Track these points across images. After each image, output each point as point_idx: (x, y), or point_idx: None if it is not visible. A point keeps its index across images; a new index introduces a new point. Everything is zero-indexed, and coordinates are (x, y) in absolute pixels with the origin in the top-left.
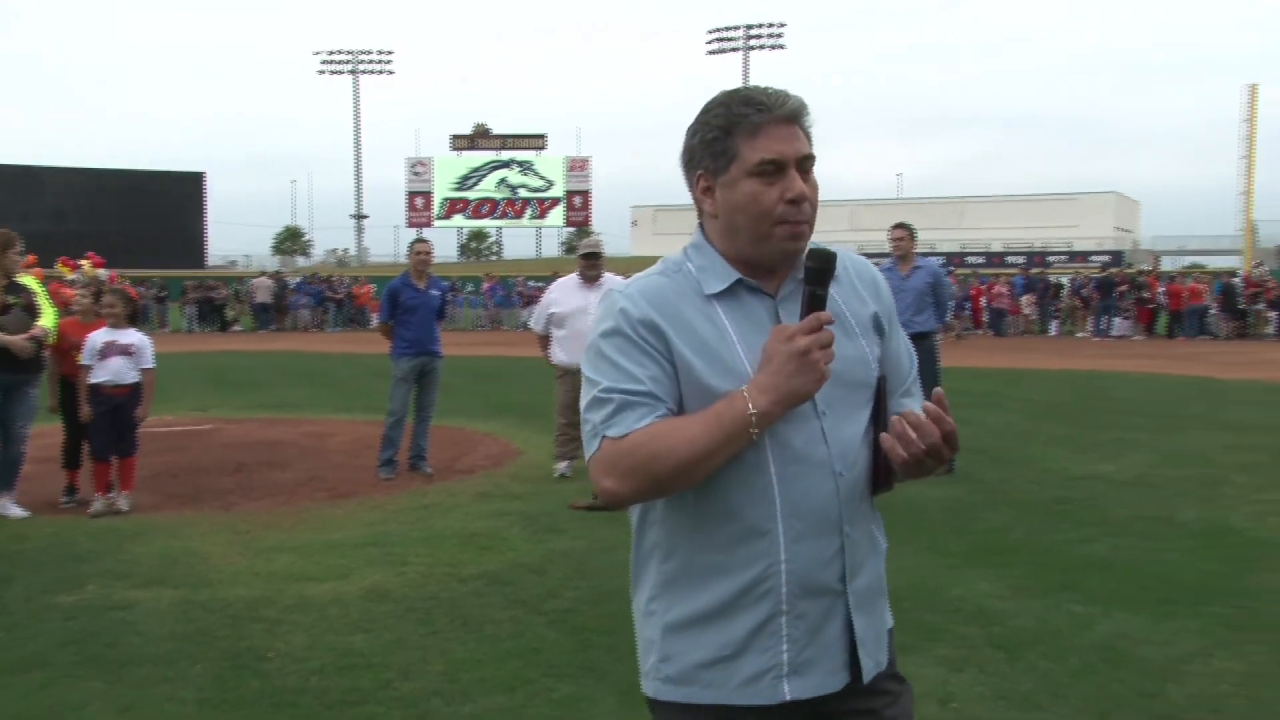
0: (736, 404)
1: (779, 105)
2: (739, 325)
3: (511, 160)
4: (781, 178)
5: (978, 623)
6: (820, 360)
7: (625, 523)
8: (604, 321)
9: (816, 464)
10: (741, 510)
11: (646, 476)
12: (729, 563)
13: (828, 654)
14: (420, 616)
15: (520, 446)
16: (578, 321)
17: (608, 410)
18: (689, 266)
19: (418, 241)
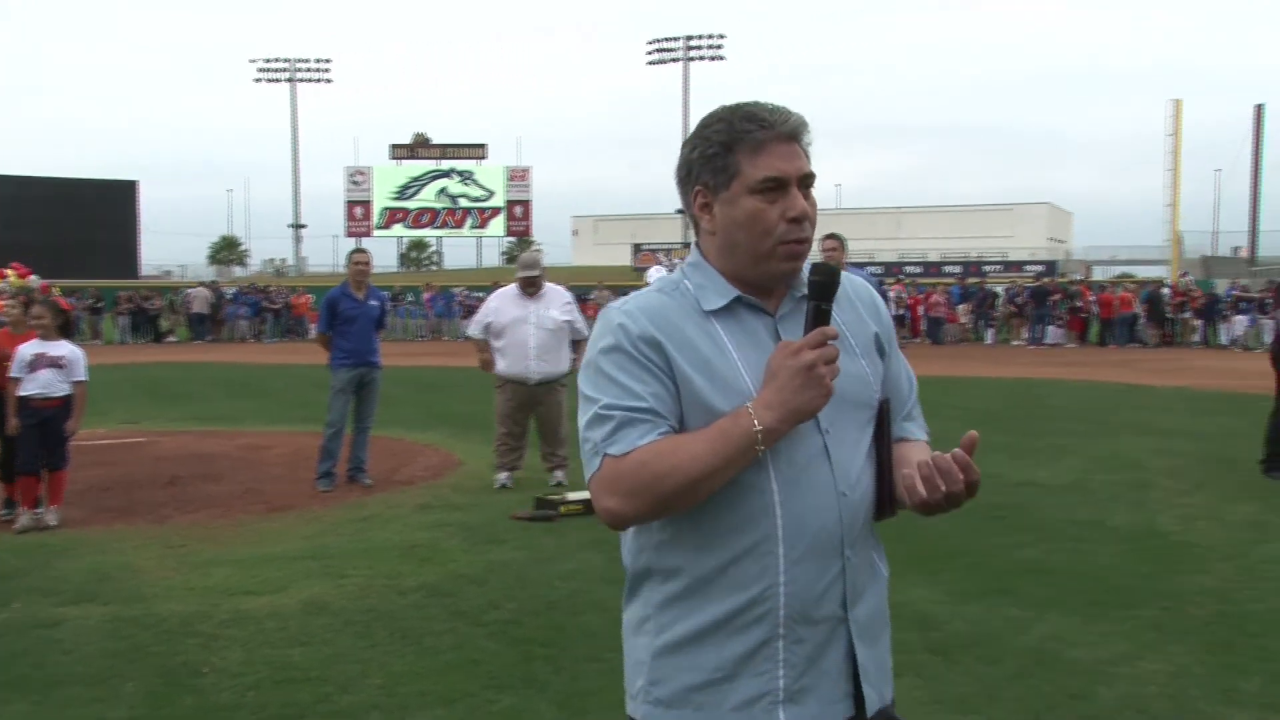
0: (742, 420)
1: (781, 122)
2: (739, 343)
3: (451, 170)
4: (783, 196)
5: (915, 628)
6: (826, 375)
7: (565, 533)
8: (602, 338)
9: (819, 484)
10: (741, 529)
11: (650, 495)
12: (726, 583)
13: (826, 683)
14: (359, 629)
15: (461, 457)
16: (517, 332)
17: (608, 428)
18: (686, 284)
19: (356, 251)
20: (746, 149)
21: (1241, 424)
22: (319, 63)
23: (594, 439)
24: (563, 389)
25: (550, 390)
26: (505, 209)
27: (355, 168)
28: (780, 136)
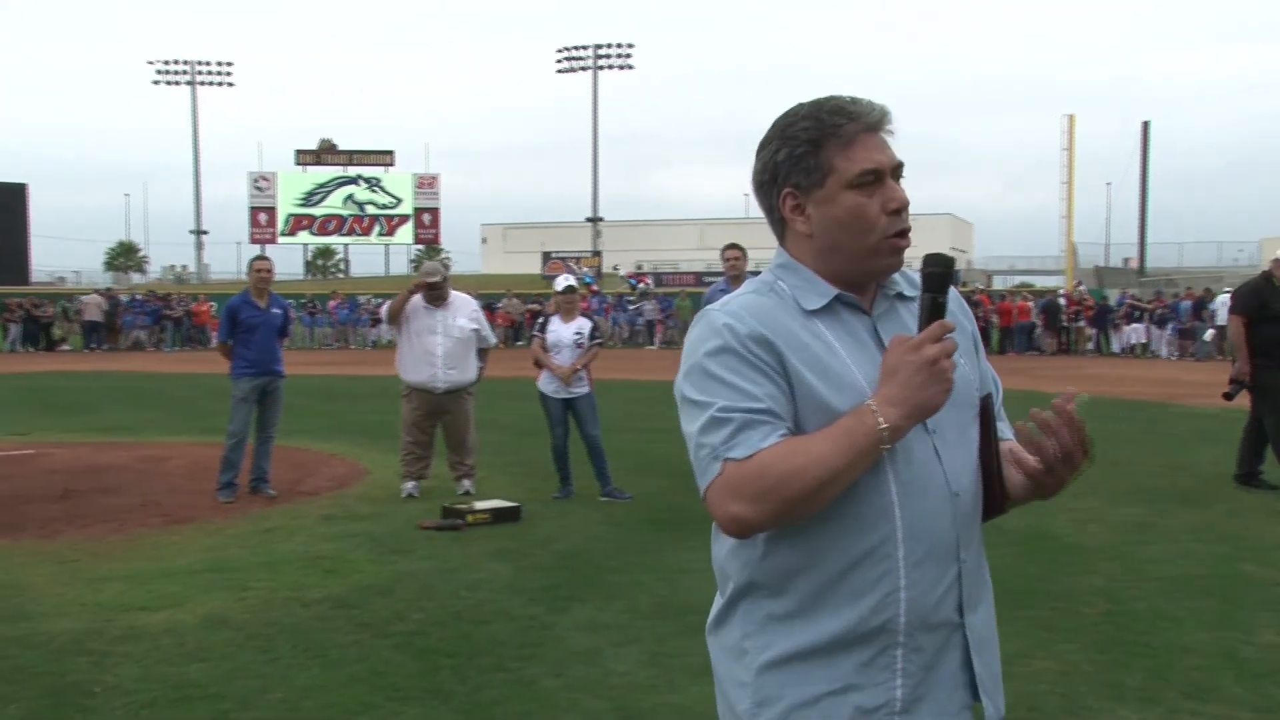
0: (866, 419)
1: (867, 113)
2: (844, 341)
3: (358, 176)
4: (881, 187)
5: None
6: (948, 369)
7: (472, 542)
8: (706, 340)
9: (933, 485)
10: (860, 534)
11: (778, 499)
12: (844, 591)
13: (942, 693)
14: (261, 644)
15: (367, 467)
16: (425, 340)
17: (728, 430)
18: (781, 285)
19: (258, 259)
20: (837, 144)
21: (1131, 429)
22: (220, 65)
23: (712, 443)
24: (470, 397)
25: (457, 399)
26: (413, 216)
27: (259, 173)
28: (868, 127)
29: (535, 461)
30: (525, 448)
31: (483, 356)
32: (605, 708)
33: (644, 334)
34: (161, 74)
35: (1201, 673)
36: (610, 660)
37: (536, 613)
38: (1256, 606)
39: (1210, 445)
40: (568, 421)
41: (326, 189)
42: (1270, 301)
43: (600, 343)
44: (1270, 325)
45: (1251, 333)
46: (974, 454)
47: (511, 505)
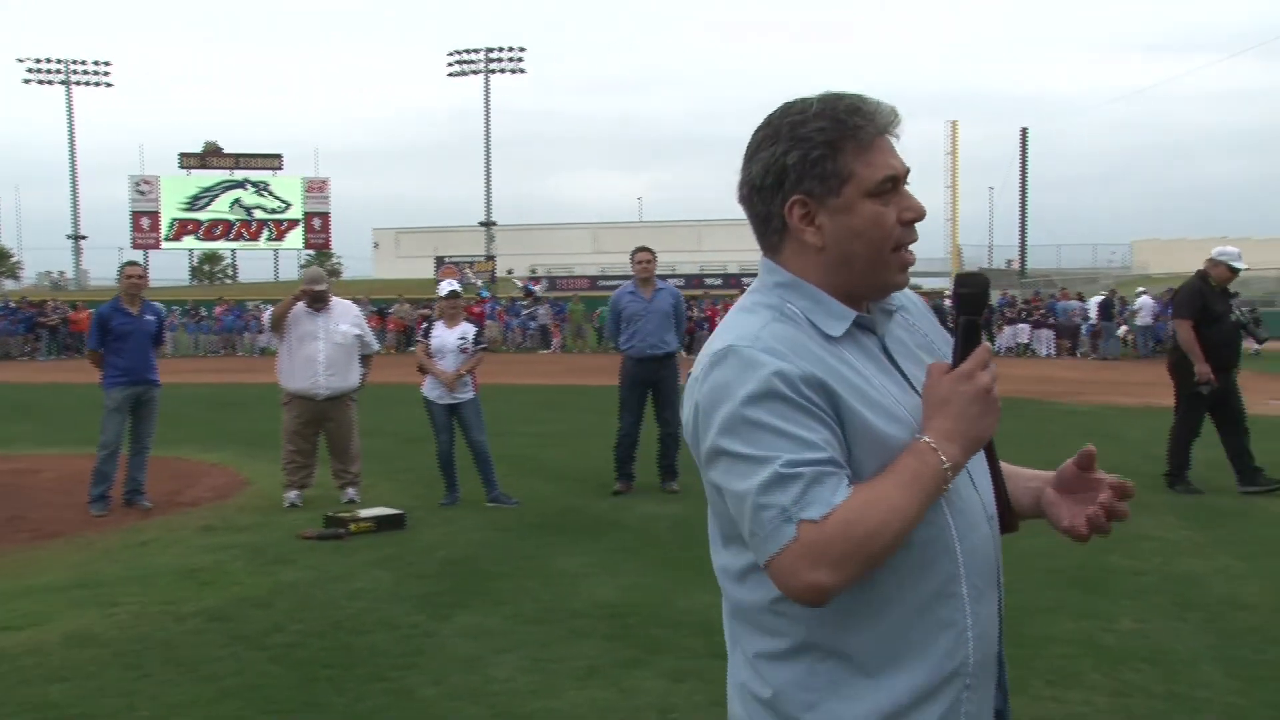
0: (928, 458)
1: (885, 115)
2: (867, 367)
3: (246, 180)
4: (897, 195)
5: (702, 634)
6: (998, 399)
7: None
8: (745, 382)
9: (975, 512)
10: (926, 575)
11: (861, 559)
12: (914, 640)
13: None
14: (129, 660)
15: (250, 477)
16: (307, 347)
17: (798, 488)
18: (792, 308)
19: (129, 264)
20: (858, 147)
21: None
22: (97, 65)
23: (781, 503)
24: (353, 404)
25: (340, 406)
26: (303, 221)
27: (141, 176)
28: (882, 129)
29: (421, 468)
30: (411, 454)
31: (365, 363)
32: (484, 714)
33: (537, 339)
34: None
35: (1065, 660)
36: (491, 667)
37: (418, 621)
38: (1119, 595)
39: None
40: (453, 427)
41: (212, 193)
42: (1210, 303)
43: (485, 347)
44: (1209, 327)
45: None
46: (986, 471)
47: (396, 513)
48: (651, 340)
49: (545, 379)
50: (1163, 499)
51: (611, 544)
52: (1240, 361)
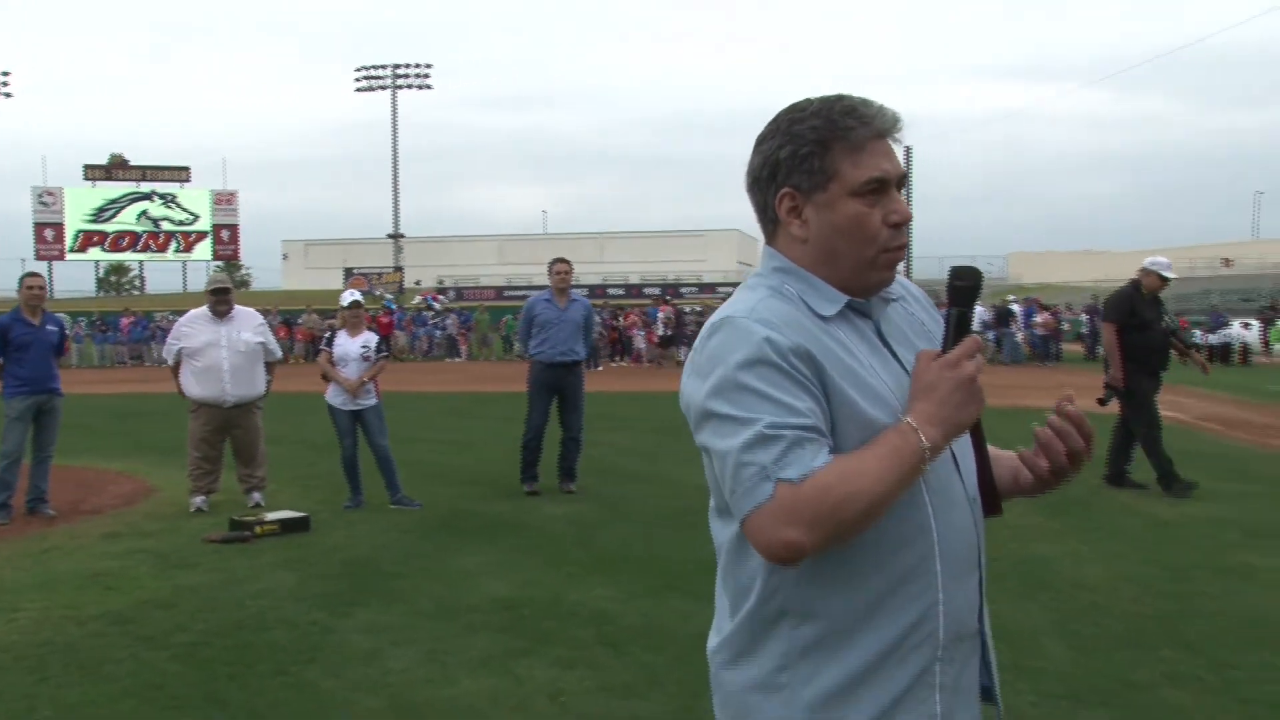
0: (909, 438)
1: (880, 119)
2: (859, 348)
3: (153, 192)
4: (884, 198)
5: (591, 625)
6: (981, 388)
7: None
8: (738, 348)
9: (956, 493)
10: (902, 552)
11: (834, 523)
12: (885, 612)
13: (966, 703)
14: (31, 664)
15: (156, 484)
16: (210, 355)
17: (778, 449)
18: (788, 290)
19: (29, 275)
20: (848, 147)
21: None
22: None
23: (760, 462)
24: (259, 411)
25: (246, 413)
26: (212, 233)
27: (44, 188)
28: (879, 133)
29: (327, 473)
30: (317, 460)
31: (270, 370)
32: (381, 704)
33: (444, 347)
34: None
35: None
36: (389, 659)
37: (319, 618)
38: None
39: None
40: (356, 432)
41: (119, 205)
42: (1139, 309)
43: (387, 355)
44: (1139, 333)
45: (1121, 340)
46: (971, 456)
47: (300, 515)
48: (562, 348)
49: (450, 386)
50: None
51: (508, 543)
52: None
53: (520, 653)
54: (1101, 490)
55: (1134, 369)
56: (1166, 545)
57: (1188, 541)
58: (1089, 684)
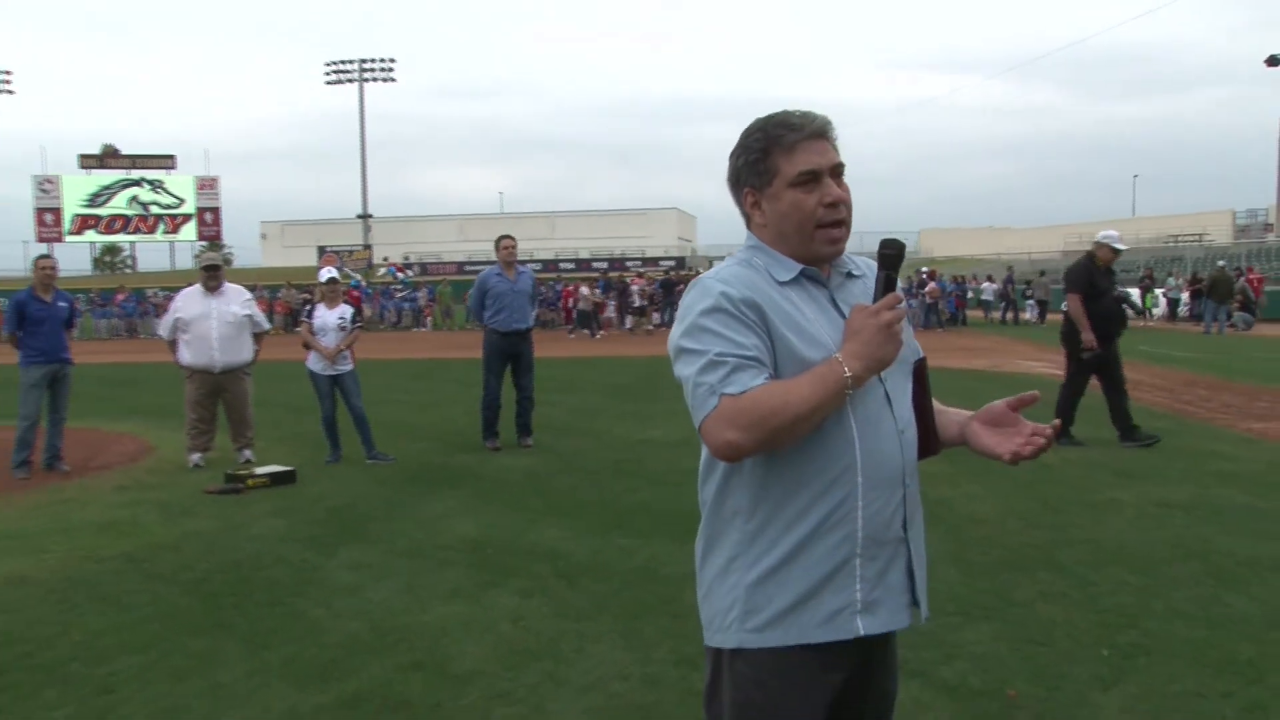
0: (835, 368)
1: (809, 124)
2: (809, 307)
3: (142, 179)
4: (818, 185)
5: (548, 561)
6: (899, 333)
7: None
8: (702, 301)
9: (884, 424)
10: (829, 463)
11: (765, 429)
12: (812, 510)
13: (892, 595)
14: (59, 596)
15: (155, 443)
16: (201, 325)
17: (723, 371)
18: (756, 261)
19: (42, 258)
20: (782, 150)
21: None
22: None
23: (709, 381)
24: (247, 376)
25: (235, 378)
26: (196, 215)
27: (43, 176)
28: (809, 135)
29: (309, 433)
30: (299, 421)
31: (257, 340)
32: (364, 628)
33: (411, 318)
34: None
35: None
36: (370, 591)
37: (308, 557)
38: None
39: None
40: (335, 395)
41: (111, 190)
42: (1097, 280)
43: (361, 326)
44: (1094, 301)
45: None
46: (910, 401)
47: (287, 470)
48: (515, 316)
49: (417, 353)
50: None
51: (472, 491)
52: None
53: (486, 585)
54: None
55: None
56: (1048, 484)
57: (1066, 481)
58: (976, 602)
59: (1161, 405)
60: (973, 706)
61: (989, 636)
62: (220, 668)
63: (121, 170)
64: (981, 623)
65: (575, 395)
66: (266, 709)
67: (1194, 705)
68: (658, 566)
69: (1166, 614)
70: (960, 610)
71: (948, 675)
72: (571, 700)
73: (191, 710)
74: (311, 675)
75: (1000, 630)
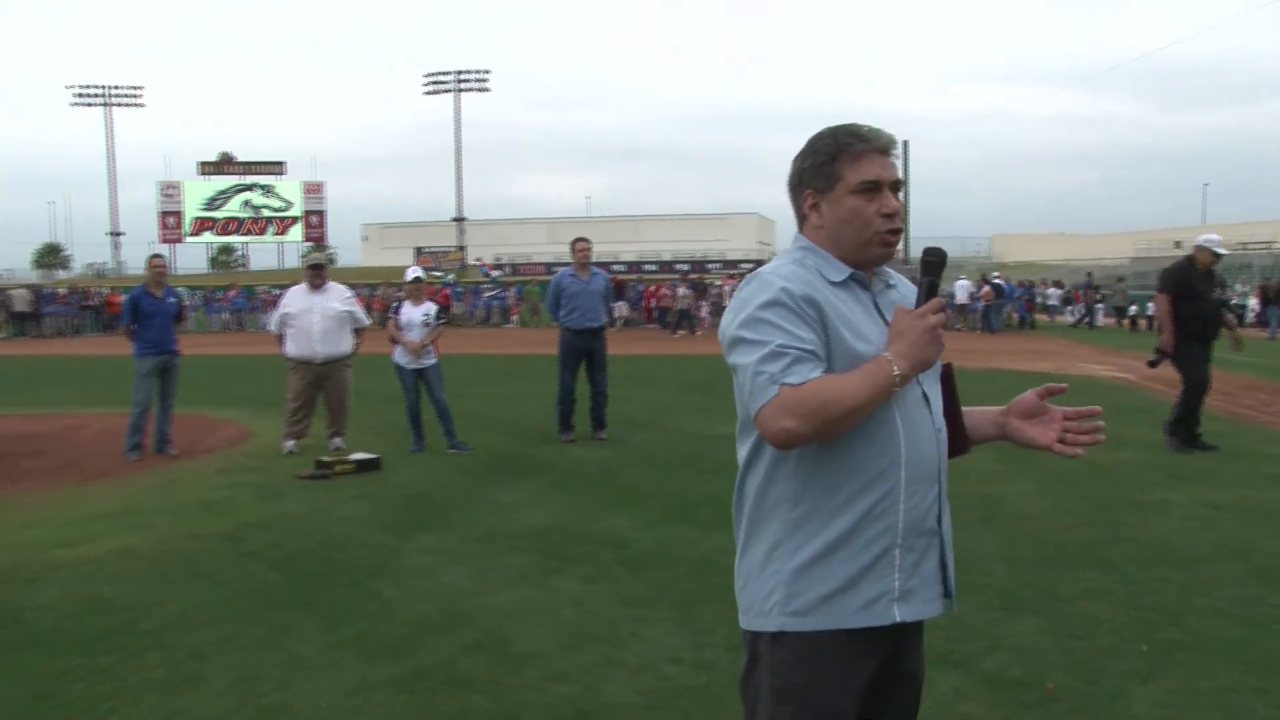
0: (884, 367)
1: (876, 139)
2: (854, 309)
3: (254, 184)
4: (878, 195)
5: (612, 549)
6: (941, 335)
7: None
8: (760, 295)
9: (924, 422)
10: (876, 457)
11: (821, 419)
12: (856, 501)
13: (926, 585)
14: (161, 569)
15: (255, 430)
16: (304, 320)
17: (785, 362)
18: (808, 262)
19: (154, 256)
20: (849, 158)
21: None
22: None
23: (770, 371)
24: (347, 369)
25: (335, 369)
26: (302, 218)
27: (167, 182)
28: (875, 149)
29: (396, 423)
30: (388, 412)
31: (357, 334)
32: (433, 609)
33: (500, 315)
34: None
35: None
36: (442, 575)
37: (386, 541)
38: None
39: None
40: (419, 388)
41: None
42: (1193, 282)
43: (444, 322)
44: (1190, 303)
45: (1175, 309)
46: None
47: (373, 457)
48: (588, 315)
49: (502, 349)
50: None
51: (545, 481)
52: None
53: (551, 571)
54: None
55: (1184, 336)
56: (1100, 484)
57: (1119, 481)
58: (1021, 597)
59: (1219, 409)
60: (1011, 697)
61: (1032, 630)
62: (299, 640)
63: (236, 176)
64: (1026, 616)
65: (652, 390)
66: (338, 680)
67: (1227, 700)
68: (719, 557)
69: (1208, 612)
70: (1005, 604)
71: (989, 666)
72: (624, 681)
73: (269, 678)
74: (382, 651)
75: (1043, 624)
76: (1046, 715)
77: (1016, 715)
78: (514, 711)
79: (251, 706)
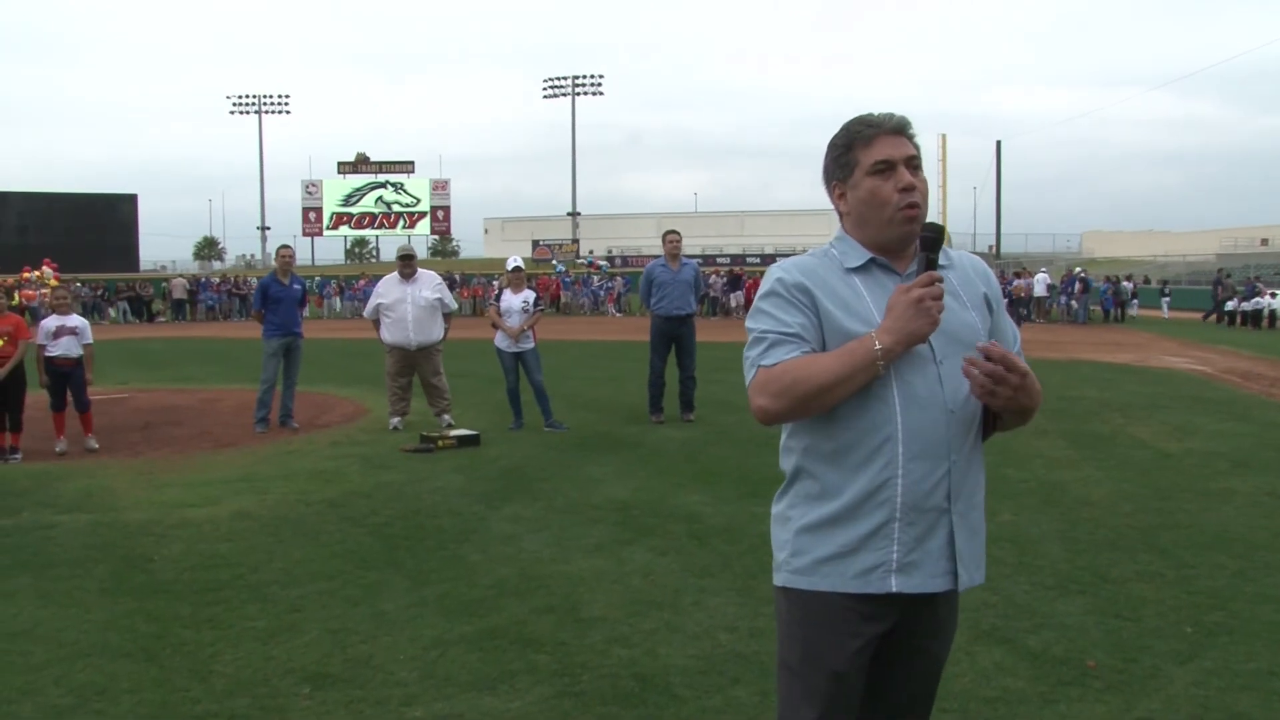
0: (865, 342)
1: (886, 121)
2: (872, 292)
3: (386, 182)
4: (893, 173)
5: (684, 523)
6: (933, 308)
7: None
8: (763, 287)
9: (932, 402)
10: (872, 433)
11: (790, 396)
12: (858, 477)
13: (930, 560)
14: (272, 530)
15: (369, 407)
16: (397, 309)
17: (763, 347)
18: (833, 251)
19: (282, 247)
20: (862, 143)
21: None
22: (280, 98)
23: (752, 355)
24: (438, 353)
25: (427, 354)
26: (429, 213)
27: (309, 180)
28: (886, 131)
29: (499, 402)
30: (493, 392)
31: (447, 320)
32: (512, 573)
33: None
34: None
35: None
36: (524, 542)
37: (476, 510)
38: (1004, 496)
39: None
40: (518, 370)
41: (361, 192)
42: None
43: (542, 309)
44: None
45: None
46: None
47: (473, 433)
48: (677, 303)
49: (605, 335)
50: (1058, 426)
51: (630, 458)
52: None
53: (626, 542)
54: (1124, 428)
55: None
56: (1164, 472)
57: (1182, 470)
58: (1074, 578)
59: None
60: (1050, 673)
61: (1080, 610)
62: (386, 598)
63: (370, 174)
64: (1076, 597)
65: (734, 374)
66: (417, 636)
67: (1265, 683)
68: None
69: (1256, 597)
70: (1057, 584)
71: (1033, 643)
72: (681, 646)
73: (357, 631)
74: (460, 610)
75: (1091, 604)
76: (1084, 691)
77: (1054, 691)
78: (575, 671)
79: (339, 657)
